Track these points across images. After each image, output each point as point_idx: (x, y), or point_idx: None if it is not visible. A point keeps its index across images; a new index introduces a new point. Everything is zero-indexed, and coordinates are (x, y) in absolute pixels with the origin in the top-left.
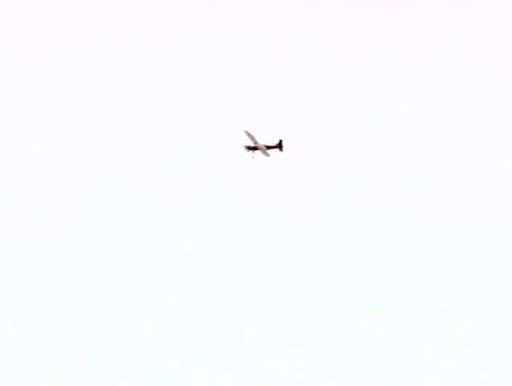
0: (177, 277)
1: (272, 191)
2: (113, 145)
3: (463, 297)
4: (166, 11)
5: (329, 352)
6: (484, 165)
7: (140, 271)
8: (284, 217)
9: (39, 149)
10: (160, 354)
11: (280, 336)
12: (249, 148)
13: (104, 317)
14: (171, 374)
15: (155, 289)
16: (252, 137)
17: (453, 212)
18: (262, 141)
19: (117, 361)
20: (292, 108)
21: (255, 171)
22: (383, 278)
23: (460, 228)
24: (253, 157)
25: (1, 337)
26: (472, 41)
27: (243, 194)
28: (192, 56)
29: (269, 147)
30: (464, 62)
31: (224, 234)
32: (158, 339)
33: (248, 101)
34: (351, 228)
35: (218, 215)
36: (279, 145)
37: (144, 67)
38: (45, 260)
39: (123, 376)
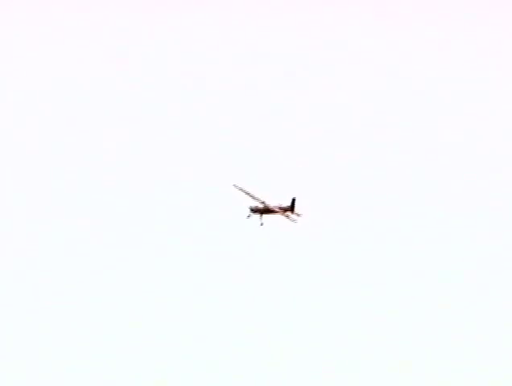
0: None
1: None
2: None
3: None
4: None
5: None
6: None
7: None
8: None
9: (39, 151)
10: (157, 356)
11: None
12: (256, 210)
13: (99, 321)
14: (169, 374)
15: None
16: (247, 193)
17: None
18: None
19: (117, 361)
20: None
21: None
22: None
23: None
24: (262, 223)
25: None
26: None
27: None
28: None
29: (281, 209)
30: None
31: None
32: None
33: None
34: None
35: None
36: (291, 206)
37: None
38: (44, 260)
39: (123, 376)
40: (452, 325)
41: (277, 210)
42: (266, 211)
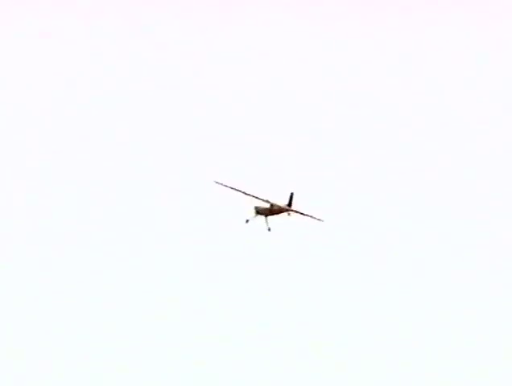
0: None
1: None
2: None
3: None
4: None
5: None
6: None
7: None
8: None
9: (38, 156)
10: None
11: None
12: (262, 212)
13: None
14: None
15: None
16: (239, 190)
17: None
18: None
19: (115, 363)
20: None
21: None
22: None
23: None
24: (269, 228)
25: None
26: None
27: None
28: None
29: (275, 209)
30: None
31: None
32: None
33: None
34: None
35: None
36: (289, 202)
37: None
38: (42, 262)
39: (122, 377)
40: (459, 331)
41: (288, 209)
42: (272, 211)
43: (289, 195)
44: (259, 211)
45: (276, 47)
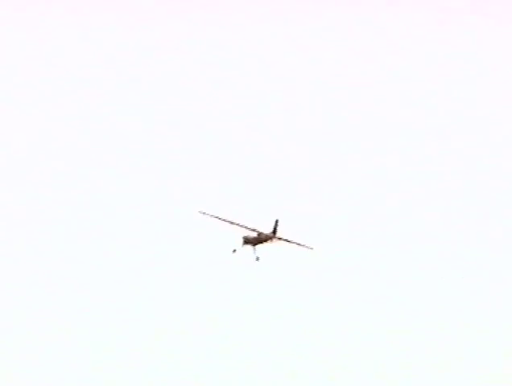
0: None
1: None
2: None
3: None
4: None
5: None
6: None
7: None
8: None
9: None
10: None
11: None
12: (249, 241)
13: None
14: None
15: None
16: (221, 219)
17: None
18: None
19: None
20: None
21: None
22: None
23: None
24: (258, 258)
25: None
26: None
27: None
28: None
29: (263, 238)
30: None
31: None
32: None
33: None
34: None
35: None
36: (274, 230)
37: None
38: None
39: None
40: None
41: (275, 237)
42: (260, 240)
43: (274, 222)
44: (247, 241)
45: (260, 73)
